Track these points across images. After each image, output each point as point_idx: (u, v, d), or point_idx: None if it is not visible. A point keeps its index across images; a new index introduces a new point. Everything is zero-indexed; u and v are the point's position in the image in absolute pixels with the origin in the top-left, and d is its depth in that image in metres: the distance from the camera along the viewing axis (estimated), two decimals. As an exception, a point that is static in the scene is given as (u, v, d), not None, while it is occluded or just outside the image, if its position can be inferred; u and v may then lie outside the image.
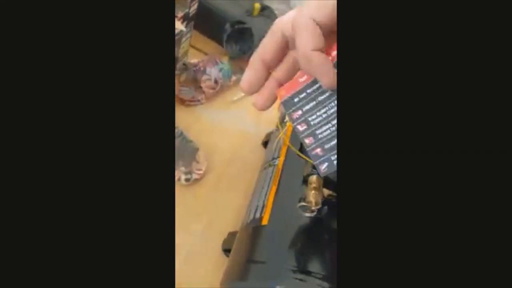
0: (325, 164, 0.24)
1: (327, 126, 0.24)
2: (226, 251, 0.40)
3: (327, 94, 0.25)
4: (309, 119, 0.25)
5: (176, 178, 0.46)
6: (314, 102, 0.25)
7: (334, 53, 0.25)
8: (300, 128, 0.25)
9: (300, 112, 0.25)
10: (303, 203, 0.27)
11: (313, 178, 0.28)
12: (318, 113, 0.25)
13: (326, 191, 0.30)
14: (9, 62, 0.19)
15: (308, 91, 0.25)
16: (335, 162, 0.24)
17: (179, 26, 0.52)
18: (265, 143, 0.53)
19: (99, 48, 0.19)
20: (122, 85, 0.20)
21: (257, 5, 0.70)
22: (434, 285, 0.17)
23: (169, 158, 0.20)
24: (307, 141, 0.25)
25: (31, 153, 0.18)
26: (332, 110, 0.24)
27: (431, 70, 0.18)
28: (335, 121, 0.24)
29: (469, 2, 0.17)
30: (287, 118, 0.48)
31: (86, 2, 0.19)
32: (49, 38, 0.19)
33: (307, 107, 0.25)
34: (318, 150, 0.24)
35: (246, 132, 0.58)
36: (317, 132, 0.25)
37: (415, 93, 0.18)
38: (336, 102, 0.24)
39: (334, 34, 0.24)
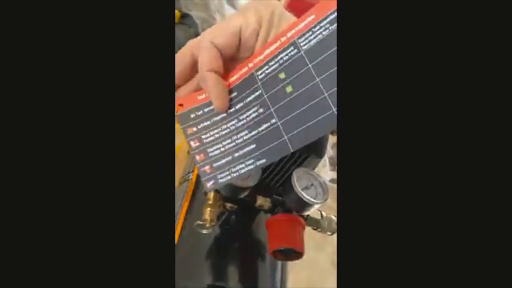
0: (211, 182, 0.24)
1: (218, 146, 0.25)
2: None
3: (221, 116, 0.25)
4: (203, 137, 0.26)
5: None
6: (209, 122, 0.26)
7: (232, 79, 0.26)
8: (193, 144, 0.25)
9: (195, 128, 0.26)
10: (198, 222, 0.27)
11: (210, 194, 0.29)
12: (211, 132, 0.25)
13: (228, 204, 0.30)
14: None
15: (206, 109, 0.26)
16: (220, 180, 0.24)
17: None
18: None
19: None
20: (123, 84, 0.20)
21: (177, 13, 0.69)
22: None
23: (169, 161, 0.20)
24: (198, 157, 0.25)
25: (30, 155, 0.18)
26: (224, 132, 0.25)
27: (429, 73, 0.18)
28: (226, 142, 0.25)
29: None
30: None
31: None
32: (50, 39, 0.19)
33: (202, 125, 0.26)
34: (207, 167, 0.25)
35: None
36: (209, 150, 0.25)
37: (413, 96, 0.18)
38: (228, 124, 0.25)
39: (234, 61, 0.26)
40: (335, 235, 0.32)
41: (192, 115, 0.26)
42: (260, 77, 0.25)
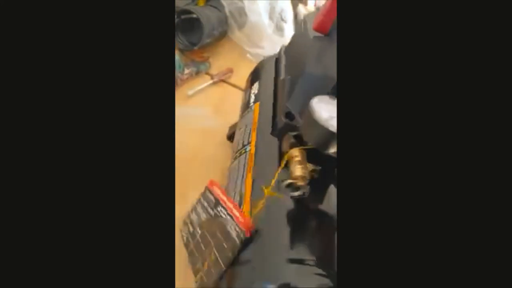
0: None
1: None
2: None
3: None
4: None
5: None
6: None
7: None
8: None
9: None
10: (289, 180, 0.23)
11: (295, 152, 0.24)
12: None
13: (309, 166, 0.26)
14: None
15: None
16: None
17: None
18: (231, 137, 0.49)
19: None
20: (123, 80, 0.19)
21: (202, -5, 0.67)
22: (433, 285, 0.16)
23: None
24: None
25: (29, 155, 0.18)
26: None
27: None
28: None
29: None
30: (251, 103, 0.45)
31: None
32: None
33: None
34: None
35: (206, 127, 0.53)
36: None
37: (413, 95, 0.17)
38: None
39: None
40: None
41: None
42: None
